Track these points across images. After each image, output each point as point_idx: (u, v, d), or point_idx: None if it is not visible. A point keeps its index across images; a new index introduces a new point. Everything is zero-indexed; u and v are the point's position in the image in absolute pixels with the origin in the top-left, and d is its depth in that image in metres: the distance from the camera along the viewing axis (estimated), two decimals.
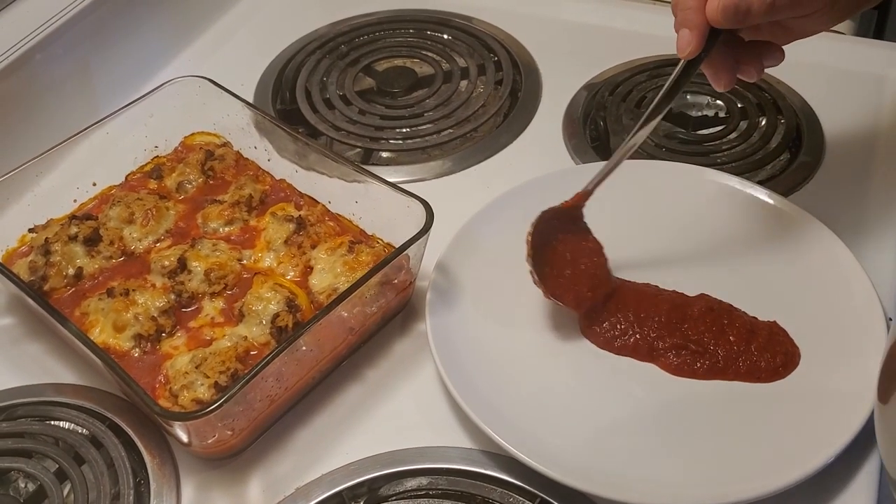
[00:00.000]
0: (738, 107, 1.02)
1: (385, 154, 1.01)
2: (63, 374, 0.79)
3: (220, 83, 0.92)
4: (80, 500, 0.69)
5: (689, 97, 1.02)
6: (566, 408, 0.73)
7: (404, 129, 1.03)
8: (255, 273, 0.81)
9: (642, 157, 0.95)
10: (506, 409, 0.72)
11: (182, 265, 0.80)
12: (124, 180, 0.92)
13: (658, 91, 0.72)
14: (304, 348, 0.72)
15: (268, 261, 0.82)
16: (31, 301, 0.74)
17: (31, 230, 0.85)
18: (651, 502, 0.66)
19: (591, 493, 0.67)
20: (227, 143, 0.94)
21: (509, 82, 1.08)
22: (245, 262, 0.83)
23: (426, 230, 0.75)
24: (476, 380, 0.74)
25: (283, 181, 0.90)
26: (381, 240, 0.84)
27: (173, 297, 0.79)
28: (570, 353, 0.77)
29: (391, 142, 1.02)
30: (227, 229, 0.86)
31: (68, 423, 0.74)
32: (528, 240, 0.76)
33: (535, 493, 0.68)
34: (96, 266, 0.82)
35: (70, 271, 0.81)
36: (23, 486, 0.71)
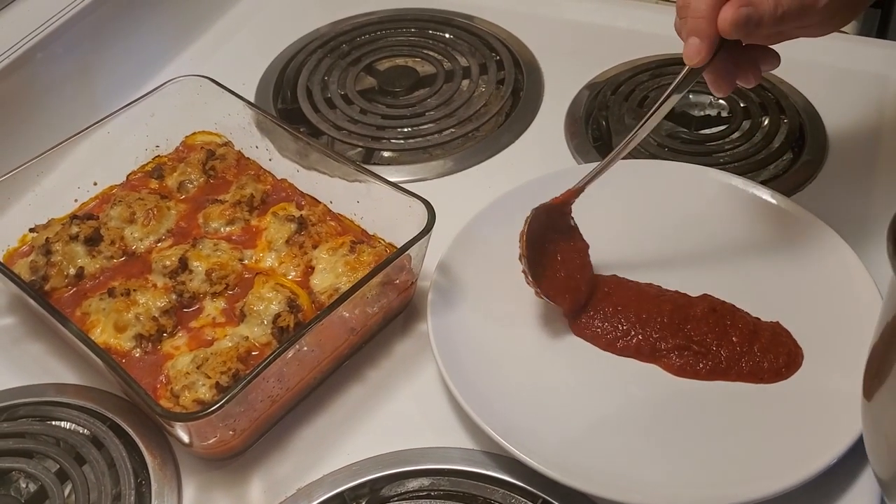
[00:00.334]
0: (741, 106, 1.01)
1: (386, 154, 1.01)
2: (64, 374, 0.79)
3: (221, 82, 0.92)
4: (81, 500, 0.69)
5: (691, 97, 1.01)
6: (568, 408, 0.73)
7: (406, 129, 1.03)
8: (257, 273, 0.81)
9: (645, 157, 0.95)
10: (507, 409, 0.72)
11: (183, 265, 0.80)
12: (125, 180, 0.92)
13: (660, 91, 0.72)
14: (306, 349, 0.72)
15: (269, 261, 0.82)
16: (31, 301, 0.74)
17: (32, 230, 0.85)
18: (653, 503, 0.66)
19: (593, 493, 0.67)
20: (228, 143, 0.94)
21: (511, 82, 1.07)
22: (246, 262, 0.82)
23: (428, 230, 0.75)
24: (478, 380, 0.73)
25: (284, 181, 0.90)
26: (383, 240, 0.83)
27: (174, 297, 0.79)
28: (571, 353, 0.77)
29: (393, 141, 1.02)
30: (228, 229, 0.86)
31: (69, 424, 0.74)
32: (521, 238, 0.75)
33: (536, 494, 0.68)
34: (97, 266, 0.82)
35: (71, 271, 0.81)
36: (24, 486, 0.71)
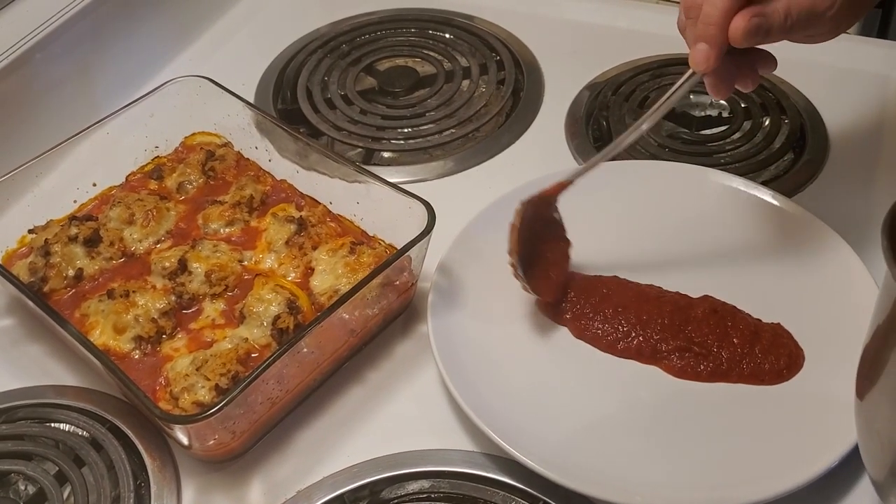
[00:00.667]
0: (742, 107, 1.01)
1: (386, 154, 1.01)
2: (63, 376, 0.79)
3: (220, 83, 0.92)
4: (80, 502, 0.68)
5: (692, 97, 1.01)
6: (568, 410, 0.73)
7: (406, 129, 1.03)
8: (256, 274, 0.81)
9: (645, 158, 0.95)
10: (508, 411, 0.71)
11: (183, 266, 0.80)
12: (124, 181, 0.91)
13: (660, 91, 0.72)
14: (306, 350, 0.71)
15: (269, 262, 0.82)
16: (30, 302, 0.73)
17: (30, 231, 0.85)
18: None
19: (593, 495, 0.66)
20: (227, 144, 0.94)
21: (511, 82, 1.07)
22: (246, 263, 0.82)
23: (428, 231, 0.75)
24: (478, 382, 0.73)
25: (284, 182, 0.90)
26: (383, 241, 0.83)
27: (174, 298, 0.78)
28: (572, 355, 0.77)
29: (393, 142, 1.02)
30: (227, 230, 0.85)
31: (68, 426, 0.74)
32: (514, 232, 0.75)
33: (537, 497, 0.68)
34: (96, 267, 0.82)
35: (70, 272, 0.81)
36: (23, 488, 0.70)
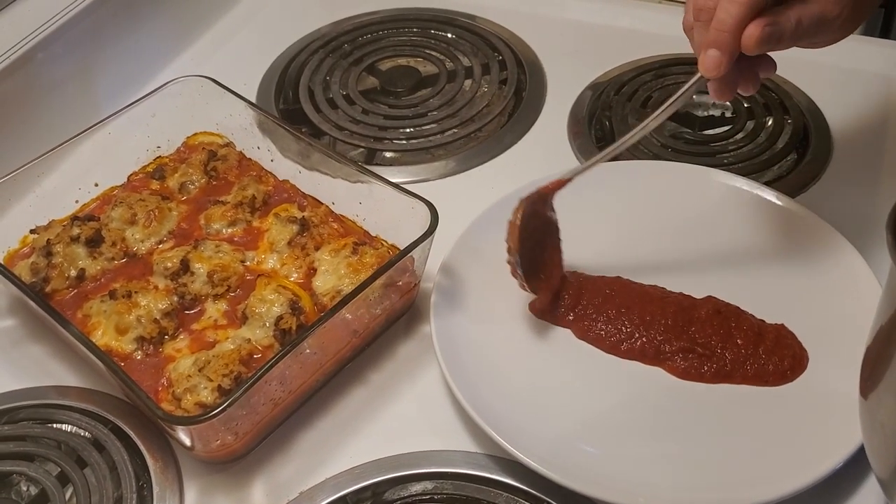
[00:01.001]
0: (745, 107, 1.01)
1: (389, 154, 1.00)
2: (65, 376, 0.79)
3: (222, 83, 0.92)
4: (82, 503, 0.68)
5: (695, 97, 1.01)
6: (571, 411, 0.73)
7: (408, 129, 1.03)
8: (259, 275, 0.81)
9: (648, 158, 0.95)
10: (511, 412, 0.71)
11: (185, 267, 0.80)
12: (126, 181, 0.91)
13: (663, 91, 0.72)
14: (308, 351, 0.71)
15: (271, 262, 0.82)
16: (32, 303, 0.73)
17: (32, 231, 0.85)
18: None
19: (596, 496, 0.66)
20: (229, 144, 0.94)
21: (514, 82, 1.07)
22: (248, 263, 0.82)
23: (431, 232, 0.75)
24: (481, 383, 0.73)
25: (286, 182, 0.90)
26: (386, 241, 0.83)
27: (176, 299, 0.78)
28: (575, 356, 0.77)
29: (395, 142, 1.02)
30: (229, 230, 0.85)
31: (70, 426, 0.74)
32: (513, 230, 0.74)
33: (540, 498, 0.68)
34: (98, 267, 0.82)
35: (72, 273, 0.81)
36: (25, 489, 0.70)
